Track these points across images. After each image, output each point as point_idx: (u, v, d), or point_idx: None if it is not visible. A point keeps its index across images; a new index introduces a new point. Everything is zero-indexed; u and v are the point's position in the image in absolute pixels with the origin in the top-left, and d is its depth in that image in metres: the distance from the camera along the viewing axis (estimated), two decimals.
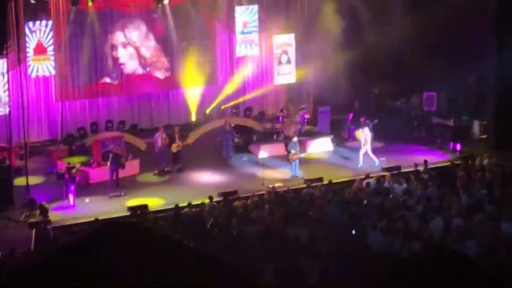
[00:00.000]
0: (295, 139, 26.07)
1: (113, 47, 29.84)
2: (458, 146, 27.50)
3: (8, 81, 25.54)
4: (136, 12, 30.01)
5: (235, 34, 31.30)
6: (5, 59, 25.20)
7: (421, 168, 23.51)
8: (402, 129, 29.78)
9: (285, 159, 26.21)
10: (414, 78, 30.85)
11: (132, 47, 30.20)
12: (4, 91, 25.74)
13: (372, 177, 22.97)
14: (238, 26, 31.15)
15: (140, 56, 30.39)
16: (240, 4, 31.04)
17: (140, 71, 30.44)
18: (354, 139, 28.51)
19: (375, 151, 26.78)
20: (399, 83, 31.25)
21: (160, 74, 30.83)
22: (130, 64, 30.19)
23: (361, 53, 29.38)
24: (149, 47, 30.53)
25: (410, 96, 31.63)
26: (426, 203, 19.90)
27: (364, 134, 26.49)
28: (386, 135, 28.67)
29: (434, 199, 20.23)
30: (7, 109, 25.50)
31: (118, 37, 29.92)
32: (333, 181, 23.29)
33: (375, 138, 27.46)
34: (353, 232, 18.10)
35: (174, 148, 26.32)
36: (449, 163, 25.05)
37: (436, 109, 31.00)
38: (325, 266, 15.99)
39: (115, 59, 29.90)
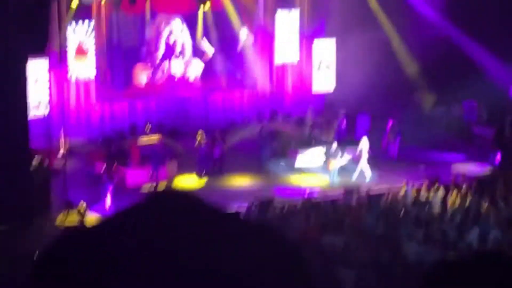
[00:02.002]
0: (333, 146, 25.94)
1: (154, 48, 29.98)
2: (498, 157, 27.17)
3: (49, 82, 25.76)
4: (177, 14, 30.10)
5: (275, 39, 31.21)
6: (46, 60, 25.40)
7: (460, 179, 23.27)
8: (441, 138, 29.50)
9: (323, 166, 26.09)
10: (455, 86, 30.60)
11: (172, 48, 30.31)
12: (45, 92, 25.93)
13: (410, 186, 22.78)
14: (278, 31, 31.05)
15: (179, 58, 30.49)
16: (281, 8, 30.95)
17: (179, 73, 30.54)
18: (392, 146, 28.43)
19: (412, 159, 26.82)
20: (439, 91, 31.02)
21: (199, 78, 30.92)
22: (169, 65, 30.32)
23: (402, 60, 29.23)
24: (189, 50, 30.62)
25: (450, 105, 31.34)
26: (464, 214, 19.71)
27: (362, 144, 26.05)
28: (425, 144, 28.46)
29: (472, 210, 20.02)
30: (47, 110, 25.72)
31: (159, 39, 30.05)
32: (370, 190, 23.14)
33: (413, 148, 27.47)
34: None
35: (216, 151, 26.42)
36: (488, 174, 24.78)
37: (477, 119, 30.68)
38: (360, 275, 15.90)
39: (156, 60, 30.04)
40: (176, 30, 30.36)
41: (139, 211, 2.24)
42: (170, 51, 30.32)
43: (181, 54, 30.56)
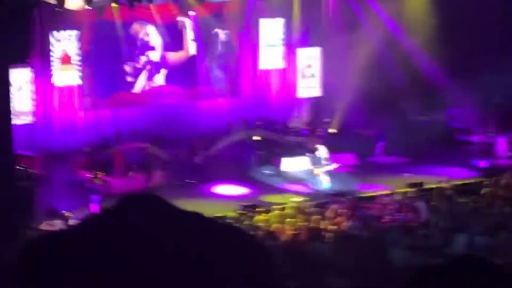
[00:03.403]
0: (318, 153, 25.94)
1: (136, 56, 29.91)
2: (482, 163, 27.25)
3: (32, 91, 25.68)
4: (160, 22, 30.00)
5: (259, 47, 31.22)
6: (29, 69, 25.32)
7: (444, 185, 23.31)
8: (425, 145, 29.54)
9: (308, 172, 26.09)
10: (439, 93, 30.67)
11: (155, 56, 30.25)
12: (29, 100, 25.88)
13: (395, 193, 22.82)
14: (262, 39, 31.06)
15: (161, 66, 30.41)
16: (265, 16, 30.97)
17: (162, 82, 30.47)
18: (377, 154, 28.55)
19: (397, 166, 26.93)
20: (423, 98, 31.07)
21: (182, 86, 30.84)
22: (152, 75, 30.25)
23: (385, 67, 29.29)
24: (171, 58, 30.55)
25: (434, 112, 31.39)
26: (450, 220, 19.72)
27: (320, 152, 25.99)
28: (409, 151, 28.54)
29: (458, 217, 20.03)
30: (32, 118, 25.64)
31: (141, 46, 29.98)
32: (356, 196, 23.15)
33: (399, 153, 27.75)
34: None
35: (196, 159, 26.36)
36: (473, 180, 24.85)
37: (460, 125, 30.75)
38: (346, 282, 15.86)
39: (138, 68, 29.98)
40: (151, 34, 30.20)
41: (107, 215, 2.23)
42: (152, 58, 30.25)
43: (164, 61, 30.49)
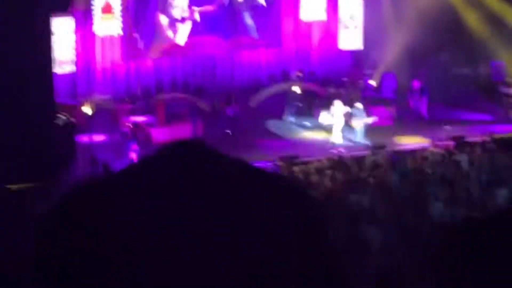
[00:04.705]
0: (359, 105, 25.81)
1: (176, 7, 29.78)
2: None
3: (74, 40, 25.79)
4: None
5: None
6: (72, 18, 25.38)
7: (487, 138, 23.10)
8: (468, 98, 29.24)
9: (349, 124, 25.98)
10: (483, 45, 30.26)
11: (198, 7, 30.12)
12: (71, 49, 26.00)
13: (436, 146, 22.67)
14: None
15: (206, 17, 30.29)
16: None
17: (202, 32, 30.36)
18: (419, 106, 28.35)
19: (438, 119, 26.89)
20: (466, 50, 30.69)
21: (223, 36, 30.73)
22: (192, 25, 30.15)
23: (429, 20, 28.94)
24: (214, 8, 30.42)
25: (477, 65, 31.01)
26: (491, 174, 19.56)
27: (335, 108, 25.86)
28: (452, 104, 28.32)
29: (500, 170, 19.86)
30: (73, 67, 25.78)
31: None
32: (396, 149, 23.04)
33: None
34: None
35: (230, 111, 26.42)
36: None
37: (505, 79, 30.34)
38: (386, 233, 15.85)
39: (178, 18, 29.86)
40: None
41: (150, 162, 2.12)
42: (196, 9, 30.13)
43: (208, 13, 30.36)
